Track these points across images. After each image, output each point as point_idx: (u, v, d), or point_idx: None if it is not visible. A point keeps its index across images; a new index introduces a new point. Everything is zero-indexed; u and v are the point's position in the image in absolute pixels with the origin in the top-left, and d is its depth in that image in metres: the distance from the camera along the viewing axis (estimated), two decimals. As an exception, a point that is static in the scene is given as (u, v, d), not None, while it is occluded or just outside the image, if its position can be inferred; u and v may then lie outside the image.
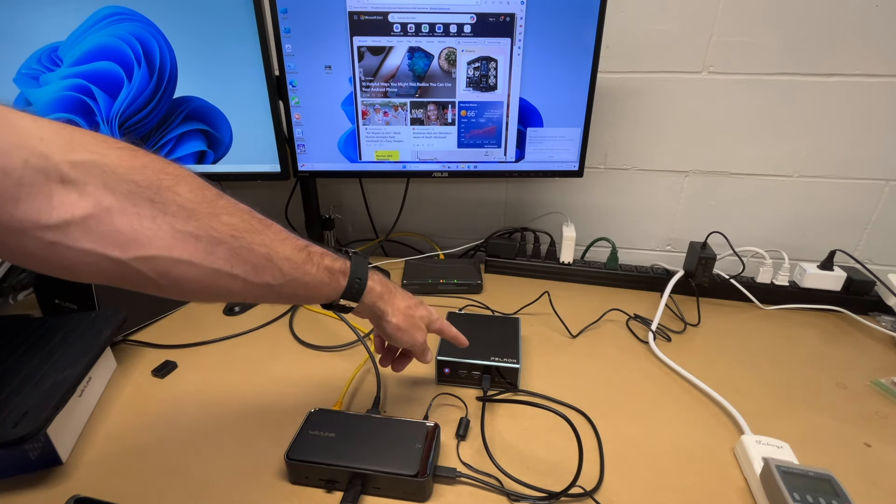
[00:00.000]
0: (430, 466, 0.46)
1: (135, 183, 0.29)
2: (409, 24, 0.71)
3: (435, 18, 0.70)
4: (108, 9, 0.70)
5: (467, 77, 0.74)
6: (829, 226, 0.91)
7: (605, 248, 0.91)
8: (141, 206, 0.30)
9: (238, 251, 0.34)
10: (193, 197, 0.32)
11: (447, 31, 0.71)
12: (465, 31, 0.71)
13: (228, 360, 0.66)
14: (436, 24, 0.70)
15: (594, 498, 0.46)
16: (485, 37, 0.71)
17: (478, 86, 0.74)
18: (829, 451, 0.53)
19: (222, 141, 0.79)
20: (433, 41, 0.71)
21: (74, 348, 0.55)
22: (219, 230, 0.33)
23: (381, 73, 0.73)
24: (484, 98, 0.75)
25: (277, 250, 0.37)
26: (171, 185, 0.31)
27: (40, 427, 0.44)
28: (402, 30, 0.71)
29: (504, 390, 0.61)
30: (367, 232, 1.07)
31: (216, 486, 0.47)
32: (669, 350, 0.70)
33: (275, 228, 0.38)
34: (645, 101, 0.87)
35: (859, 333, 0.76)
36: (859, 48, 0.77)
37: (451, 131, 0.77)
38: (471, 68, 0.73)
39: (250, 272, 0.35)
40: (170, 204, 0.31)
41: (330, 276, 0.42)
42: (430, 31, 0.70)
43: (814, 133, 0.84)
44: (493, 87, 0.74)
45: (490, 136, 0.78)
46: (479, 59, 0.72)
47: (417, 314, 0.51)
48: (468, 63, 0.73)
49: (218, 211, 0.33)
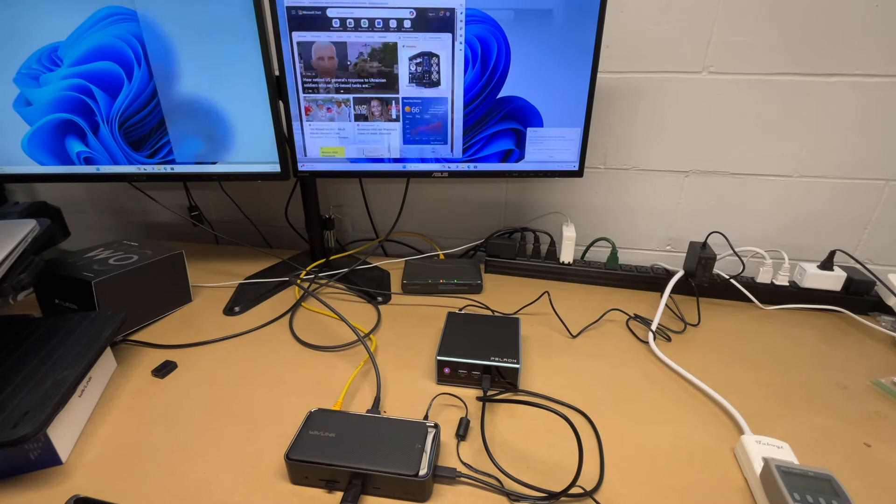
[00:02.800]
0: (430, 466, 0.46)
1: None
2: (347, 20, 0.70)
3: (374, 14, 0.70)
4: (108, 9, 0.70)
5: (409, 73, 0.73)
6: (829, 226, 0.91)
7: (605, 248, 0.91)
8: None
9: None
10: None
11: (387, 26, 0.70)
12: (405, 26, 0.71)
13: (228, 360, 0.66)
14: (375, 20, 0.70)
15: (594, 498, 0.46)
16: (425, 32, 0.71)
17: (421, 81, 0.74)
18: (829, 451, 0.53)
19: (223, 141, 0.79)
20: (373, 36, 0.71)
21: (74, 348, 0.55)
22: None
23: (321, 68, 0.73)
24: (427, 94, 0.75)
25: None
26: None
27: (40, 427, 0.44)
28: (340, 25, 0.71)
29: (504, 390, 0.61)
30: (367, 232, 1.07)
31: (216, 486, 0.47)
32: (669, 350, 0.70)
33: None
34: (645, 101, 0.87)
35: (859, 333, 0.76)
36: (859, 48, 0.77)
37: (395, 127, 0.77)
38: (412, 64, 0.72)
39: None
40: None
41: None
42: (370, 26, 0.70)
43: (814, 133, 0.84)
44: (436, 82, 0.74)
45: (436, 133, 0.77)
46: (421, 54, 0.72)
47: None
48: (410, 59, 0.72)
49: None
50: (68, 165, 0.80)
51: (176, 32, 0.72)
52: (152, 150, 0.79)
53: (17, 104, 0.75)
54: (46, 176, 0.80)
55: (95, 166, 0.80)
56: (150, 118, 0.77)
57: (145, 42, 0.72)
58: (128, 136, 0.78)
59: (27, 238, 0.63)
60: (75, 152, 0.79)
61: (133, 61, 0.73)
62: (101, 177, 0.81)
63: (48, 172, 0.80)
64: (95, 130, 0.77)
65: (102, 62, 0.73)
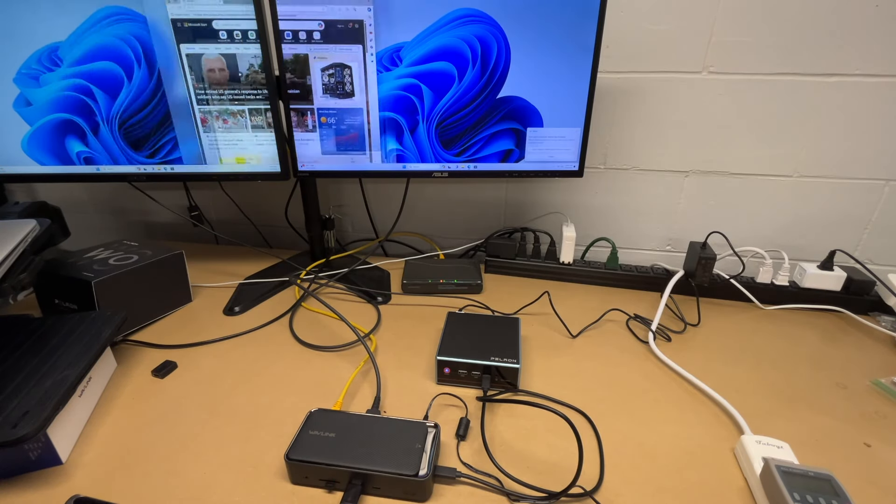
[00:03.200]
0: (431, 466, 0.46)
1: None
2: (234, 31, 0.70)
3: (284, 25, 0.70)
4: (108, 9, 0.70)
5: (323, 83, 0.74)
6: (829, 226, 0.91)
7: (605, 248, 0.91)
8: None
9: None
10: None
11: (296, 37, 0.71)
12: (314, 37, 0.71)
13: (228, 360, 0.66)
14: (285, 31, 0.71)
15: (594, 498, 0.46)
16: (336, 43, 0.71)
17: (335, 92, 0.74)
18: (829, 451, 0.53)
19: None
20: (284, 48, 0.72)
21: (74, 348, 0.55)
22: None
23: (213, 79, 0.73)
24: (343, 105, 0.75)
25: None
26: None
27: (40, 427, 0.44)
28: (228, 37, 0.71)
29: (504, 390, 0.61)
30: (367, 232, 1.07)
31: (216, 486, 0.47)
32: (669, 350, 0.70)
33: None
34: (645, 101, 0.87)
35: (859, 333, 0.76)
36: (859, 48, 0.77)
37: (313, 137, 0.78)
38: (325, 75, 0.73)
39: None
40: None
41: None
42: (291, 36, 0.71)
43: (814, 133, 0.84)
44: (350, 93, 0.74)
45: (353, 143, 0.78)
46: (333, 65, 0.72)
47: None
48: (322, 70, 0.72)
49: None
50: (68, 165, 0.80)
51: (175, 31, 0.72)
52: (152, 149, 0.79)
53: (17, 104, 0.75)
54: (46, 176, 0.80)
55: (95, 166, 0.80)
56: (151, 118, 0.76)
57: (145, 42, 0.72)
58: (128, 135, 0.78)
59: (27, 238, 0.63)
60: (75, 152, 0.79)
61: (133, 61, 0.73)
62: (101, 177, 0.81)
63: (48, 172, 0.80)
64: (95, 130, 0.77)
65: (102, 62, 0.73)
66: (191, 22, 0.69)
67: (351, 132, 0.77)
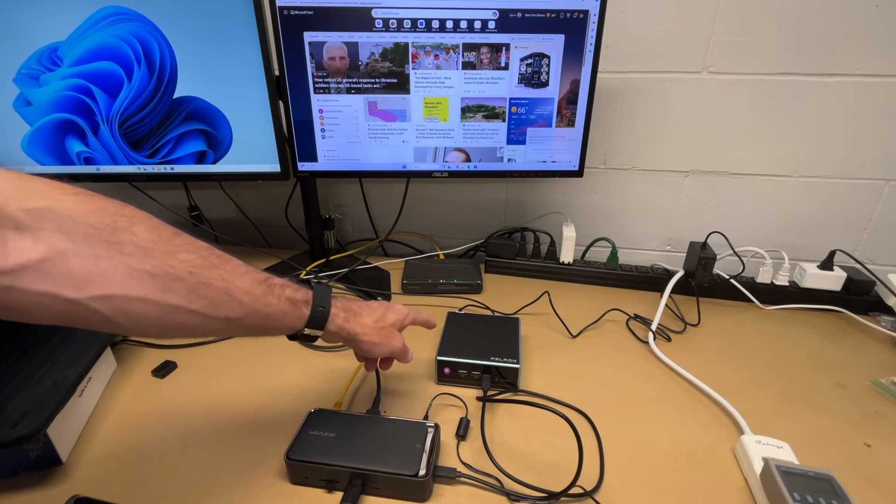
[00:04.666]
0: (431, 466, 0.46)
1: (90, 226, 0.31)
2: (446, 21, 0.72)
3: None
4: (108, 9, 0.70)
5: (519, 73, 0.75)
6: (829, 226, 0.91)
7: (605, 248, 0.91)
8: (97, 247, 0.31)
9: (196, 287, 0.35)
10: (150, 237, 0.33)
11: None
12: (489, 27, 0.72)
13: (228, 360, 0.66)
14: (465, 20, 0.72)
15: (594, 498, 0.46)
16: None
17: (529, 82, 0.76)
18: (829, 451, 0.53)
19: (222, 141, 0.79)
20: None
21: (74, 348, 0.55)
22: (175, 267, 0.34)
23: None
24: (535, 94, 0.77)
25: (236, 284, 0.38)
26: (126, 226, 0.32)
27: (40, 427, 0.44)
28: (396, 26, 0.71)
29: (504, 390, 0.61)
30: (367, 232, 1.07)
31: (216, 486, 0.47)
32: (669, 350, 0.70)
33: (233, 263, 0.39)
34: (645, 101, 0.87)
35: (859, 333, 0.76)
36: (859, 48, 0.77)
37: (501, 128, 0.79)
38: (523, 65, 0.74)
39: (209, 307, 0.36)
40: (126, 244, 0.32)
41: (292, 307, 0.43)
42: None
43: (814, 133, 0.84)
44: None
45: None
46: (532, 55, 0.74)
47: (389, 322, 0.52)
48: (521, 59, 0.74)
49: (174, 249, 0.34)
50: (68, 165, 0.80)
51: (176, 32, 0.72)
52: (152, 149, 0.79)
53: (17, 104, 0.75)
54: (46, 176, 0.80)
55: (95, 166, 0.80)
56: (151, 118, 0.76)
57: (145, 42, 0.72)
58: (128, 135, 0.78)
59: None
60: (75, 152, 0.79)
61: (133, 61, 0.73)
62: (101, 177, 0.81)
63: (48, 172, 0.80)
64: (95, 130, 0.77)
65: (102, 62, 0.73)
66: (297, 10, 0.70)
67: (539, 121, 0.78)
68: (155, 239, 0.33)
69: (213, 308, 0.36)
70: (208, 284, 0.36)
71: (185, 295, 0.34)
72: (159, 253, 0.33)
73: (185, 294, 0.34)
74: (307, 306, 0.45)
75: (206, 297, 0.36)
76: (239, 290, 0.38)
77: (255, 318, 0.40)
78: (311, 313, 0.45)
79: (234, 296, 0.38)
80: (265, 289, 0.41)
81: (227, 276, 0.38)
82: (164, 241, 0.34)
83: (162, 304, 0.33)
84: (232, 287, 0.38)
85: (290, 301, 0.43)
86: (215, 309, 0.37)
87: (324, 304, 0.46)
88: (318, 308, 0.45)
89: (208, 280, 0.36)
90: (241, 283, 0.39)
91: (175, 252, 0.34)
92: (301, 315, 0.44)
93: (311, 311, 0.45)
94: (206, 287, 0.36)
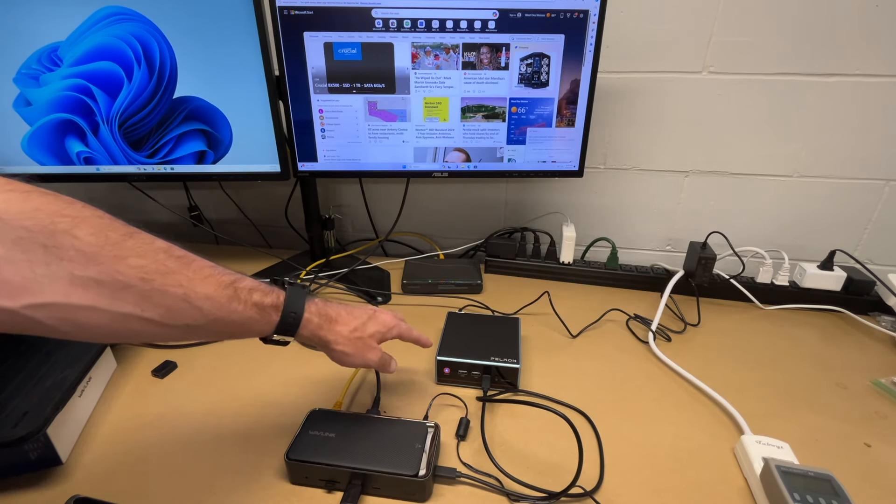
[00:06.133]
0: (430, 466, 0.46)
1: (24, 228, 0.28)
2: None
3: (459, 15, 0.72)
4: (108, 9, 0.70)
5: (520, 73, 0.75)
6: (829, 226, 0.91)
7: (605, 248, 0.91)
8: (32, 252, 0.28)
9: (150, 294, 0.33)
10: (95, 240, 0.31)
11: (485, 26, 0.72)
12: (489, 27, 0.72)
13: (228, 360, 0.66)
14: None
15: (594, 498, 0.46)
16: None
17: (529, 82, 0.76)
18: (829, 451, 0.53)
19: (222, 141, 0.79)
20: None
21: (74, 348, 0.55)
22: (125, 273, 0.32)
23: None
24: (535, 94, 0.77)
25: (196, 290, 0.36)
26: (67, 228, 0.30)
27: (40, 427, 0.44)
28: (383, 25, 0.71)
29: (504, 390, 0.61)
30: (367, 232, 1.07)
31: (216, 486, 0.47)
32: (669, 350, 0.70)
33: (196, 266, 0.37)
34: (645, 101, 0.87)
35: (859, 333, 0.76)
36: (859, 48, 0.77)
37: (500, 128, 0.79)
38: (523, 65, 0.74)
39: (165, 315, 0.34)
40: (66, 248, 0.29)
41: (260, 313, 0.41)
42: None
43: (814, 133, 0.84)
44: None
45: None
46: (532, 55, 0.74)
47: (367, 333, 0.50)
48: (521, 59, 0.74)
49: (125, 253, 0.32)
50: (68, 165, 0.80)
51: (176, 32, 0.72)
52: (152, 149, 0.79)
53: (17, 104, 0.75)
54: (46, 176, 0.80)
55: (95, 166, 0.80)
56: (151, 118, 0.76)
57: (145, 42, 0.72)
58: (128, 135, 0.78)
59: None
60: (75, 152, 0.79)
61: (133, 61, 0.73)
62: (101, 177, 0.81)
63: (48, 172, 0.80)
64: (95, 130, 0.77)
65: (102, 62, 0.73)
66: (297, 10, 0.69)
67: (539, 122, 0.78)
68: (101, 242, 0.31)
69: (169, 316, 0.34)
70: (163, 292, 0.33)
71: (137, 303, 0.32)
72: (106, 258, 0.31)
73: (138, 302, 0.32)
74: (277, 312, 0.42)
75: (161, 305, 0.33)
76: (199, 297, 0.36)
77: (219, 325, 0.38)
78: (280, 319, 0.42)
79: (194, 303, 0.35)
80: (230, 294, 0.38)
81: (186, 282, 0.35)
82: (112, 245, 0.31)
83: (112, 313, 0.31)
84: (191, 294, 0.35)
85: (258, 307, 0.40)
86: (172, 317, 0.34)
87: (296, 310, 0.43)
88: (289, 314, 0.43)
89: (163, 287, 0.33)
90: (202, 288, 0.36)
91: (125, 256, 0.32)
92: (270, 321, 0.42)
93: (281, 318, 0.42)
94: (160, 295, 0.33)
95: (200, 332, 0.37)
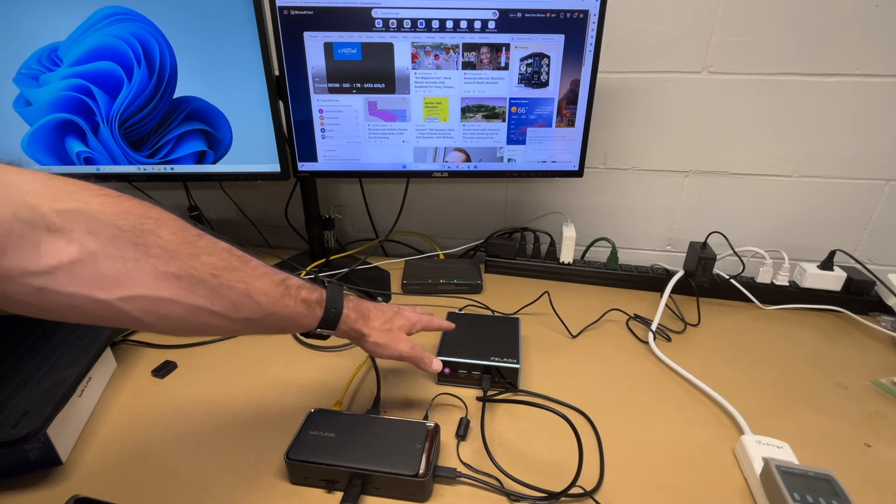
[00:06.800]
0: (430, 466, 0.46)
1: (118, 228, 0.31)
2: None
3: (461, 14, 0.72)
4: (107, 9, 0.70)
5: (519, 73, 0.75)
6: (829, 226, 0.91)
7: (605, 248, 0.91)
8: (124, 249, 0.31)
9: (218, 289, 0.36)
10: (174, 239, 0.34)
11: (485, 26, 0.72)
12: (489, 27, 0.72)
13: (228, 360, 0.66)
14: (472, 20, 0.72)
15: (594, 498, 0.46)
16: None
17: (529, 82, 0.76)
18: (829, 451, 0.53)
19: (222, 141, 0.79)
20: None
21: (74, 348, 0.55)
22: (199, 270, 0.35)
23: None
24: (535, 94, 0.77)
25: (256, 286, 0.39)
26: (152, 228, 0.33)
27: (40, 427, 0.44)
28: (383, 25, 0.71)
29: (504, 390, 0.61)
30: (367, 232, 1.07)
31: (216, 486, 0.47)
32: (669, 350, 0.70)
33: (253, 264, 0.40)
34: (645, 101, 0.87)
35: (859, 333, 0.76)
36: (859, 48, 0.77)
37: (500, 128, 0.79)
38: (523, 65, 0.74)
39: (230, 308, 0.37)
40: (152, 246, 0.32)
41: (307, 308, 0.45)
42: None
43: (814, 133, 0.84)
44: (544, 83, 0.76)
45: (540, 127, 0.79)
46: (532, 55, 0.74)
47: (395, 325, 0.53)
48: (521, 59, 0.74)
49: (198, 251, 0.35)
50: (68, 165, 0.80)
51: (176, 32, 0.72)
52: (152, 150, 0.79)
53: (17, 104, 0.75)
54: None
55: (95, 166, 0.80)
56: (151, 118, 0.76)
57: (145, 42, 0.72)
58: (128, 136, 0.78)
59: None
60: (75, 152, 0.79)
61: (133, 61, 0.73)
62: (101, 177, 0.80)
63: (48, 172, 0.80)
64: (95, 130, 0.77)
65: (102, 62, 0.73)
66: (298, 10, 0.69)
67: (539, 122, 0.78)
68: (179, 241, 0.34)
69: (234, 310, 0.37)
70: (230, 287, 0.37)
71: (207, 297, 0.35)
72: (183, 255, 0.34)
73: (208, 296, 0.35)
74: (321, 307, 0.46)
75: (227, 298, 0.37)
76: (258, 293, 0.39)
77: (273, 319, 0.41)
78: (324, 314, 0.46)
79: (254, 298, 0.39)
80: (282, 290, 0.42)
81: (248, 279, 0.38)
82: (187, 244, 0.35)
83: (187, 305, 0.34)
84: (252, 289, 0.39)
85: (306, 303, 0.44)
86: (236, 311, 0.38)
87: (336, 306, 0.47)
88: (331, 309, 0.47)
89: (229, 282, 0.37)
90: (260, 285, 0.39)
91: (198, 254, 0.35)
92: (315, 316, 0.46)
93: (325, 312, 0.46)
94: (227, 289, 0.37)
95: (257, 325, 0.41)
